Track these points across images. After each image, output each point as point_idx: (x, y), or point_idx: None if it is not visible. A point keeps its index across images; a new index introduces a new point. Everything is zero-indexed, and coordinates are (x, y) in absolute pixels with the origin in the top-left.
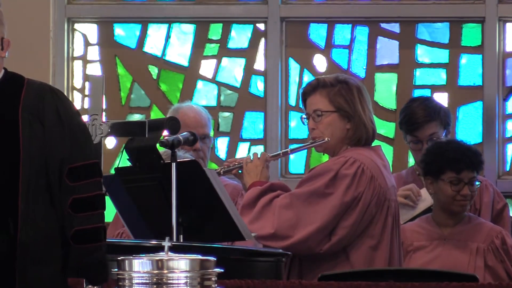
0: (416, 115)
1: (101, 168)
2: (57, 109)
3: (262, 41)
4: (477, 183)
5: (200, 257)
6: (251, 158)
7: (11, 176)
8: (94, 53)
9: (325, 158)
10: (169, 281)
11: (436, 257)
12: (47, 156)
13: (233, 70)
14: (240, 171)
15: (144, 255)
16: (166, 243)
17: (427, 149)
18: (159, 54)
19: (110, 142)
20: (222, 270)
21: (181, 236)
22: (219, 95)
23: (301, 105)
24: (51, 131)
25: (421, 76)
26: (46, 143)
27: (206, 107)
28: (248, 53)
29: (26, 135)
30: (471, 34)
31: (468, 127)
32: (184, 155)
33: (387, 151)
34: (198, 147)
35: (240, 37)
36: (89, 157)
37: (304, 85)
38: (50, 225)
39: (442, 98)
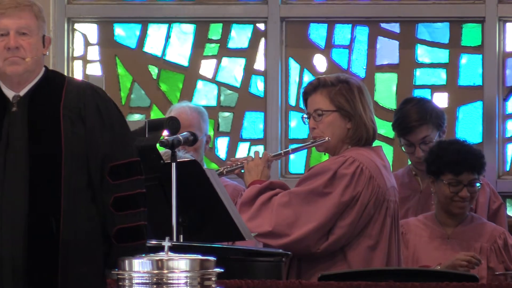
0: (407, 119)
1: (142, 167)
2: (98, 107)
3: (262, 41)
4: (477, 184)
5: (200, 257)
6: (253, 157)
7: (53, 174)
8: (94, 53)
9: (325, 158)
10: (169, 281)
11: (441, 256)
12: (88, 154)
13: (233, 70)
14: (242, 171)
15: (144, 255)
16: (166, 243)
17: (430, 149)
18: (159, 54)
19: None
20: (222, 270)
21: (181, 236)
22: (219, 95)
23: (302, 105)
24: (92, 129)
25: (421, 76)
26: (88, 141)
27: (206, 107)
28: (248, 53)
29: (68, 133)
30: (471, 34)
31: (468, 127)
32: (184, 155)
33: (387, 151)
34: (190, 147)
35: (240, 37)
36: (130, 155)
37: (304, 85)
38: (92, 223)
39: (442, 98)
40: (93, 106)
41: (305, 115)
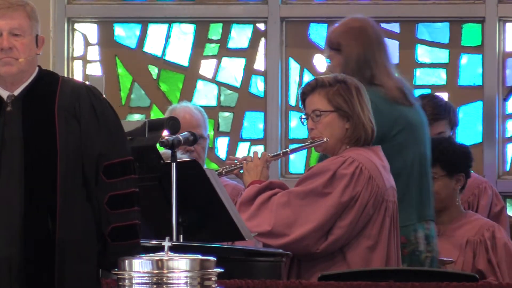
0: (425, 113)
1: (136, 166)
2: (93, 107)
3: (262, 41)
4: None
5: (200, 257)
6: (252, 158)
7: (49, 174)
8: (94, 53)
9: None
10: (169, 281)
11: None
12: (83, 153)
13: (233, 70)
14: (241, 171)
15: (144, 255)
16: (166, 243)
17: None
18: (159, 54)
19: None
20: (222, 270)
21: (181, 236)
22: (219, 95)
23: (300, 105)
24: (87, 128)
25: (421, 76)
26: (82, 140)
27: (206, 107)
28: (248, 53)
29: (63, 133)
30: (471, 34)
31: (468, 127)
32: (181, 155)
33: None
34: (190, 148)
35: (240, 37)
36: (124, 154)
37: (304, 85)
38: (87, 222)
39: None
40: (87, 105)
41: (303, 116)
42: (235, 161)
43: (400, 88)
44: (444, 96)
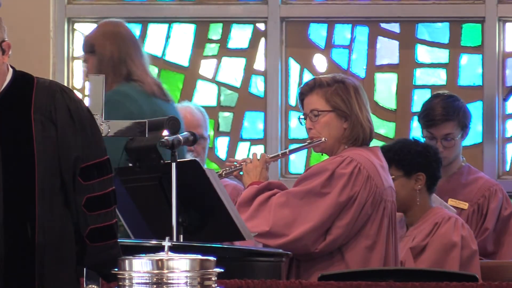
0: (434, 112)
1: (111, 165)
2: (68, 109)
3: (262, 41)
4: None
5: (200, 257)
6: (251, 159)
7: (26, 179)
8: None
9: (325, 158)
10: (169, 281)
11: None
12: (60, 156)
13: (233, 70)
14: (241, 173)
15: (144, 255)
16: (166, 243)
17: None
18: (159, 54)
19: None
20: (222, 270)
21: (181, 236)
22: (219, 95)
23: (299, 106)
24: (63, 131)
25: (421, 76)
26: (59, 144)
27: (206, 107)
28: (248, 53)
29: (39, 137)
30: (471, 34)
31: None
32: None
33: None
34: (190, 148)
35: (240, 37)
36: (101, 155)
37: (302, 85)
38: (65, 225)
39: None
40: (63, 108)
41: (301, 116)
42: (235, 163)
43: (158, 84)
44: None
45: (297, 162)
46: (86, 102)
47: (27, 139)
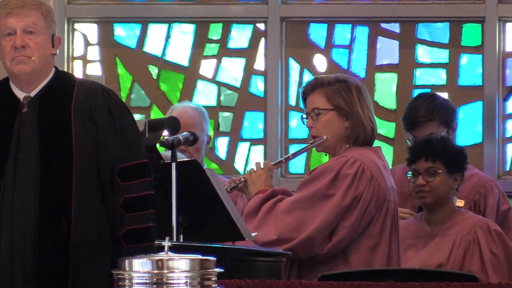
0: (415, 114)
1: (151, 168)
2: (109, 109)
3: (262, 41)
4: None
5: (200, 257)
6: (255, 169)
7: (64, 176)
8: (94, 53)
9: (325, 158)
10: (169, 281)
11: (420, 255)
12: (98, 155)
13: (233, 70)
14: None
15: (144, 255)
16: (166, 243)
17: None
18: (159, 54)
19: None
20: (222, 270)
21: (181, 236)
22: (219, 95)
23: (302, 105)
24: (103, 131)
25: (421, 76)
26: (98, 143)
27: (206, 107)
28: (248, 53)
29: (79, 135)
30: (471, 34)
31: (468, 127)
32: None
33: (387, 151)
34: (182, 147)
35: (240, 37)
36: (140, 157)
37: (304, 85)
38: (101, 224)
39: None
40: (104, 107)
41: (304, 115)
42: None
43: None
44: (444, 96)
45: (297, 162)
46: None
47: (66, 135)
